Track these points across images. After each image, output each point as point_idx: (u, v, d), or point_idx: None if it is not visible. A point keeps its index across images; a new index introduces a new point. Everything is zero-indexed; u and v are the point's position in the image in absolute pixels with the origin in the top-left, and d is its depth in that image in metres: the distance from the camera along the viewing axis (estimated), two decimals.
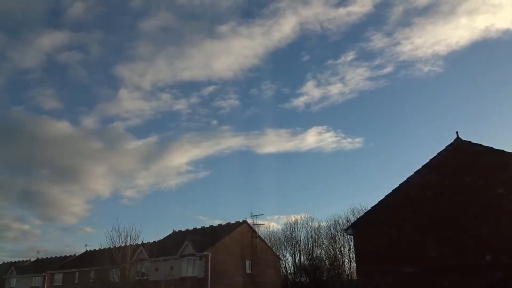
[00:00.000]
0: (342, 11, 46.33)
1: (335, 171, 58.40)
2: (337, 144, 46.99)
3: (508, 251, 14.05)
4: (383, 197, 17.46)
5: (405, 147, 44.68)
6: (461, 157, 16.30)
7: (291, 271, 54.47)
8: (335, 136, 50.13)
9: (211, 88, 50.66)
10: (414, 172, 17.05)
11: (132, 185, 61.95)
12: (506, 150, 15.54)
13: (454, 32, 38.66)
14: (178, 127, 55.45)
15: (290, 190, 72.23)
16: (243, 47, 40.38)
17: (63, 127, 52.64)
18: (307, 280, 51.99)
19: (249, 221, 41.97)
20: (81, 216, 63.80)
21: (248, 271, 39.75)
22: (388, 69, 44.84)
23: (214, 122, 52.16)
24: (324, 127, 47.98)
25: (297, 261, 53.59)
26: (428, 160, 17.03)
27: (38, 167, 51.86)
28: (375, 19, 46.05)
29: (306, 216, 56.68)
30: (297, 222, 54.42)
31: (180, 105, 52.47)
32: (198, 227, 43.47)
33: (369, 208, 18.44)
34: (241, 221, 41.87)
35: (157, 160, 56.21)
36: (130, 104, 57.04)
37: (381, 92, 46.31)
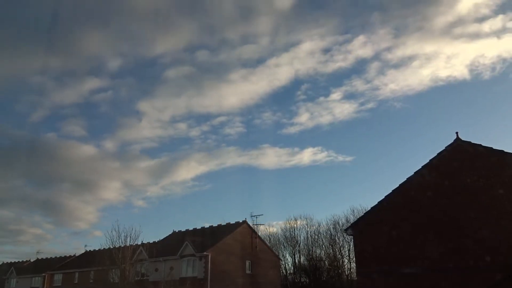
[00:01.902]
0: (330, 64, 60.69)
1: (332, 177, 70.08)
2: (330, 159, 61.13)
3: (508, 251, 14.04)
4: (383, 197, 17.47)
5: (385, 162, 60.72)
6: (461, 157, 16.29)
7: (291, 271, 54.59)
8: (328, 156, 62.94)
9: (221, 119, 66.20)
10: (414, 173, 17.04)
11: (143, 197, 71.36)
12: (506, 150, 15.56)
13: (417, 79, 57.12)
14: (189, 149, 65.38)
15: (290, 191, 77.19)
16: (249, 90, 54.31)
17: (87, 149, 64.83)
18: (307, 280, 52.01)
19: (249, 221, 42.08)
20: (92, 222, 68.79)
21: (248, 271, 39.77)
22: (370, 105, 63.64)
23: (222, 145, 67.67)
24: (319, 147, 56.82)
25: (296, 261, 53.70)
26: (428, 161, 17.03)
27: (60, 181, 65.31)
28: (357, 70, 61.10)
29: (306, 216, 56.90)
30: (297, 223, 54.51)
31: (194, 132, 67.81)
32: (198, 228, 43.48)
33: (369, 208, 18.44)
34: (241, 221, 41.88)
35: (166, 177, 66.88)
36: (149, 132, 69.95)
37: (364, 121, 61.72)
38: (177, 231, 45.76)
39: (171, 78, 55.84)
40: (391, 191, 17.36)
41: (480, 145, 16.19)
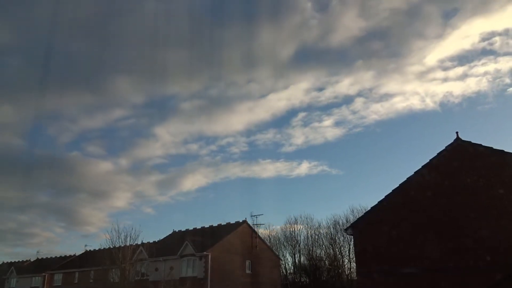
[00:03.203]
0: (323, 99, 74.97)
1: (328, 183, 79.09)
2: (325, 173, 72.99)
3: (508, 251, 14.04)
4: (383, 197, 17.46)
5: (368, 174, 72.85)
6: (461, 157, 16.28)
7: (291, 271, 54.60)
8: (323, 171, 73.93)
9: (227, 139, 76.93)
10: (414, 172, 17.03)
11: (151, 205, 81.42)
12: (506, 150, 15.55)
13: (395, 110, 70.17)
14: (196, 164, 78.76)
15: (290, 194, 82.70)
16: (252, 117, 69.41)
17: (105, 166, 76.80)
18: (307, 280, 52.01)
19: (249, 221, 42.07)
20: (101, 226, 75.63)
21: (248, 271, 39.76)
22: (357, 130, 75.02)
23: (229, 161, 77.22)
24: (315, 162, 73.48)
25: (297, 261, 53.69)
26: (428, 160, 17.02)
27: (78, 192, 76.76)
28: (346, 102, 75.37)
29: (306, 216, 56.89)
30: (297, 226, 54.47)
31: (203, 151, 78.88)
32: (198, 227, 43.44)
33: (369, 208, 18.44)
34: (241, 221, 41.85)
35: (173, 188, 77.93)
36: (162, 151, 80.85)
37: (352, 141, 74.71)
38: (177, 230, 45.75)
39: (186, 109, 71.74)
40: (391, 191, 17.36)
41: (480, 145, 16.18)
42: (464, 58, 74.90)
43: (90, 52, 70.76)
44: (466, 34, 66.66)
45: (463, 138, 16.53)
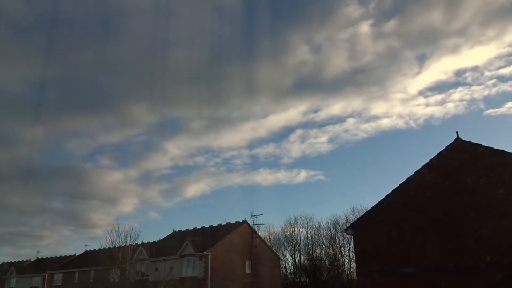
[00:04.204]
0: (318, 119, 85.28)
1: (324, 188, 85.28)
2: (323, 181, 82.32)
3: (508, 251, 14.04)
4: (383, 197, 17.46)
5: (357, 181, 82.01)
6: (461, 157, 16.28)
7: (291, 271, 54.53)
8: (319, 180, 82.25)
9: (231, 153, 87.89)
10: (414, 172, 17.03)
11: (156, 210, 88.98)
12: (506, 150, 15.55)
13: (381, 128, 79.83)
14: (201, 174, 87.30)
15: (290, 196, 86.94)
16: (254, 134, 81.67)
17: (115, 176, 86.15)
18: (307, 280, 51.99)
19: (249, 221, 42.06)
20: (107, 229, 79.93)
21: (248, 271, 39.74)
22: (348, 145, 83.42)
23: (232, 171, 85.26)
24: (312, 172, 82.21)
25: (297, 261, 53.64)
26: (428, 160, 17.02)
27: (89, 198, 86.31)
28: (340, 121, 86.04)
29: (306, 216, 56.88)
30: (297, 222, 54.49)
31: (208, 163, 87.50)
32: (198, 227, 43.41)
33: (369, 208, 18.44)
34: (241, 221, 41.81)
35: (178, 195, 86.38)
36: (169, 163, 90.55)
37: (343, 153, 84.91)
38: (177, 230, 45.71)
39: (194, 128, 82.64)
40: (391, 191, 17.36)
41: (480, 145, 16.17)
42: (442, 87, 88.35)
43: (114, 83, 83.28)
44: (440, 70, 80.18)
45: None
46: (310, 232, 53.38)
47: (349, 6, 79.44)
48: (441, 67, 78.12)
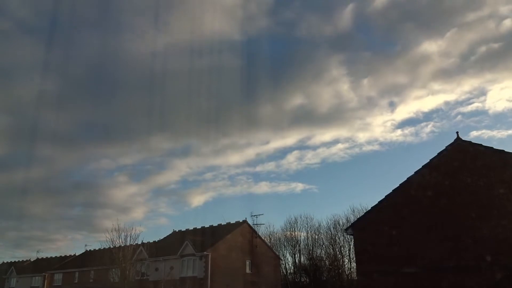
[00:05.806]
0: (312, 144, 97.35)
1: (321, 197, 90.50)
2: (318, 193, 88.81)
3: (508, 251, 14.04)
4: (383, 197, 17.46)
5: (349, 192, 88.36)
6: (461, 157, 16.28)
7: (291, 271, 54.44)
8: (313, 191, 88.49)
9: (236, 171, 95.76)
10: (414, 172, 17.03)
11: (162, 219, 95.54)
12: (506, 150, 15.55)
13: (365, 150, 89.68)
14: (203, 187, 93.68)
15: (289, 197, 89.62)
16: (257, 157, 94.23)
17: (130, 189, 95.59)
18: (307, 280, 51.95)
19: (249, 221, 42.05)
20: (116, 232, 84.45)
21: (248, 271, 39.72)
22: (346, 159, 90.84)
23: (236, 185, 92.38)
24: (308, 186, 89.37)
25: (297, 261, 53.57)
26: (428, 160, 17.02)
27: (105, 208, 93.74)
28: (328, 146, 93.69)
29: (306, 216, 56.84)
30: (297, 223, 54.47)
31: (216, 179, 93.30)
32: (198, 227, 43.38)
33: (369, 208, 18.45)
34: (241, 221, 41.79)
35: (184, 206, 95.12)
36: (178, 179, 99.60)
37: (332, 172, 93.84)
38: (177, 230, 45.70)
39: (204, 152, 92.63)
40: (391, 190, 17.36)
41: (481, 145, 16.19)
42: (414, 122, 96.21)
43: (137, 120, 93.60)
44: (409, 111, 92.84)
45: None
46: (310, 232, 53.42)
47: (333, 70, 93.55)
48: (409, 109, 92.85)
